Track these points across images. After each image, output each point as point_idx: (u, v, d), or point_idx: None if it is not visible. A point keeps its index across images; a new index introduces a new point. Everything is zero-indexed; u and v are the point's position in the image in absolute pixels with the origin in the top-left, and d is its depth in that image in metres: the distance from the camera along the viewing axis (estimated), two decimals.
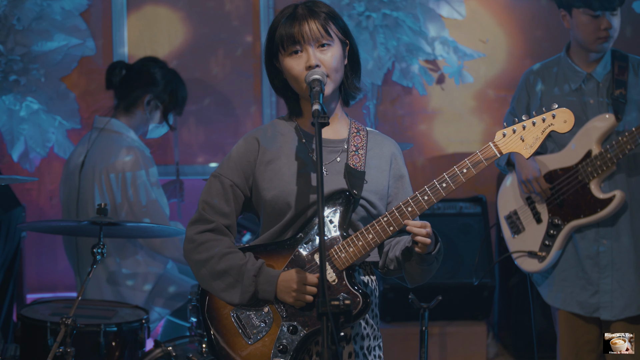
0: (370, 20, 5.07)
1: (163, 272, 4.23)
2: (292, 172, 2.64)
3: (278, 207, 2.62)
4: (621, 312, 3.70)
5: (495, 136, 2.60)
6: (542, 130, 2.57)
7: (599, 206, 3.67)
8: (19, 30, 4.86)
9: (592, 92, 3.75)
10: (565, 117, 2.55)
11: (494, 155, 2.58)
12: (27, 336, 3.56)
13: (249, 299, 2.59)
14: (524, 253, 3.85)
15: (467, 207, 5.03)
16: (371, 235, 2.58)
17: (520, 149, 2.58)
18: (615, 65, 3.74)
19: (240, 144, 2.72)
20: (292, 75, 2.64)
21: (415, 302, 3.61)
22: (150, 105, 4.27)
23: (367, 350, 2.71)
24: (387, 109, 5.22)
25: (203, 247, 2.65)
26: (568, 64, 3.79)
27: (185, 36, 5.11)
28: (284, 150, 2.68)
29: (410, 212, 2.57)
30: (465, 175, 2.57)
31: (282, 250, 2.63)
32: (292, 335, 2.58)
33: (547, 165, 3.79)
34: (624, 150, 3.61)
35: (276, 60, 2.69)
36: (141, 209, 4.08)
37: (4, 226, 4.43)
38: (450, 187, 2.57)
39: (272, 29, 2.67)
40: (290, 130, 2.73)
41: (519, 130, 2.59)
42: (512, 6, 5.21)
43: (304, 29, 2.60)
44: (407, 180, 2.78)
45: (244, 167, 2.68)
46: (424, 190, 2.57)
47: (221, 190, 2.67)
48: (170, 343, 3.59)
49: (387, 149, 2.76)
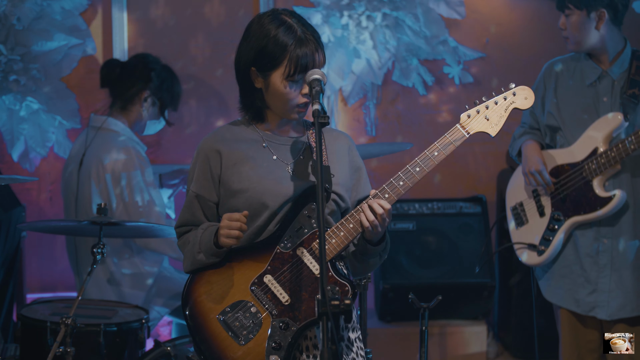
0: (370, 20, 5.07)
1: (160, 270, 4.23)
2: (260, 173, 2.67)
3: (252, 209, 2.65)
4: (616, 312, 3.69)
5: (461, 118, 2.70)
6: (504, 109, 2.69)
7: (599, 204, 3.68)
8: (19, 30, 4.86)
9: (606, 90, 3.74)
10: (525, 94, 2.70)
11: (463, 137, 2.67)
12: (27, 336, 3.55)
13: (198, 251, 2.65)
14: (524, 245, 3.87)
15: (467, 207, 5.03)
16: (351, 225, 2.63)
17: (487, 128, 2.69)
18: (633, 64, 3.74)
19: (200, 151, 2.75)
20: (285, 98, 2.64)
21: (415, 302, 3.61)
22: (147, 102, 4.27)
23: (350, 342, 2.73)
24: (387, 109, 5.22)
25: (183, 241, 2.78)
26: (586, 60, 3.80)
27: (186, 36, 5.11)
28: (247, 153, 2.70)
29: (387, 198, 2.63)
30: (437, 158, 2.66)
31: (262, 250, 2.66)
32: (285, 331, 2.60)
33: (555, 159, 3.80)
34: (628, 150, 3.60)
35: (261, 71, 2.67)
36: (137, 210, 4.08)
37: (4, 226, 4.43)
38: (424, 171, 2.66)
39: (263, 40, 2.63)
40: (249, 132, 2.75)
41: (482, 111, 2.69)
42: (512, 6, 5.21)
43: (316, 60, 2.64)
44: (364, 171, 2.83)
45: (207, 174, 2.71)
46: (399, 176, 2.65)
47: (189, 204, 2.75)
48: (169, 343, 3.59)
49: (342, 142, 2.81)
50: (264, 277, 2.64)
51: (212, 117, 5.14)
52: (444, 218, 5.01)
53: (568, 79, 3.82)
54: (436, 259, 4.94)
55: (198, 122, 5.13)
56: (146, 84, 4.25)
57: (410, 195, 5.18)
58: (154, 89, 4.27)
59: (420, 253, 4.90)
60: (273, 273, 2.64)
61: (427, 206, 5.03)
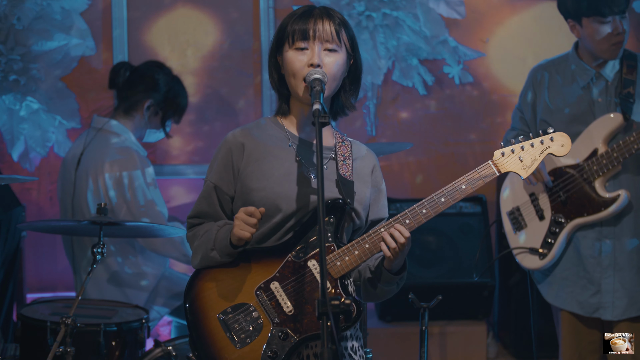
0: (370, 19, 5.07)
1: (163, 271, 4.23)
2: (280, 174, 2.63)
3: (266, 209, 2.60)
4: (623, 312, 3.69)
5: (494, 155, 2.64)
6: (539, 153, 2.64)
7: (603, 205, 3.67)
8: (19, 30, 4.86)
9: (601, 91, 3.73)
10: (562, 141, 2.64)
11: (493, 174, 2.62)
12: (27, 336, 3.55)
13: (212, 247, 2.60)
14: (525, 249, 3.84)
15: (467, 207, 5.03)
16: (367, 245, 2.59)
17: (518, 169, 2.64)
18: (624, 64, 3.72)
19: (224, 143, 2.71)
20: (291, 69, 2.62)
21: (415, 301, 3.60)
22: (149, 111, 4.27)
23: (352, 351, 2.69)
24: (387, 108, 5.22)
25: (193, 233, 2.70)
26: (577, 62, 3.78)
27: (186, 36, 5.11)
28: (271, 151, 2.66)
29: (407, 224, 2.58)
30: (464, 192, 2.60)
31: (273, 255, 2.62)
32: (283, 341, 2.57)
33: (554, 161, 3.78)
34: (631, 150, 3.59)
35: (279, 54, 2.67)
36: (139, 209, 4.08)
37: (4, 226, 4.43)
38: (449, 202, 2.60)
39: (284, 23, 2.66)
40: (277, 130, 2.71)
41: (517, 151, 2.64)
42: (512, 6, 5.21)
43: (318, 26, 2.60)
44: (384, 194, 2.79)
45: (228, 167, 2.67)
46: (422, 204, 2.59)
47: (206, 194, 2.69)
48: (170, 343, 3.59)
49: (369, 160, 2.78)
50: (271, 283, 2.60)
51: (212, 117, 5.14)
52: (444, 218, 4.99)
53: (559, 83, 3.80)
54: (436, 259, 4.94)
55: (198, 122, 5.13)
56: (151, 92, 4.25)
57: (409, 196, 5.18)
58: (158, 98, 4.26)
59: (420, 253, 4.89)
60: (281, 281, 2.60)
61: None
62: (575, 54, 3.80)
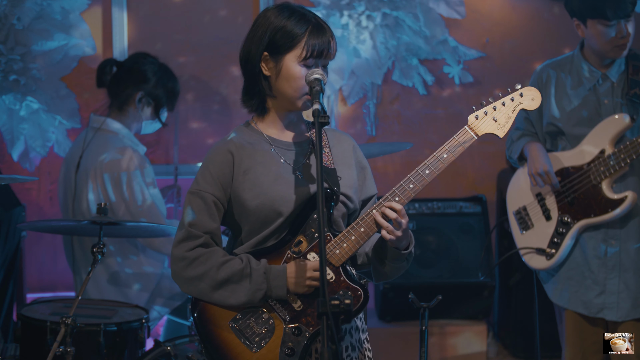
0: (370, 19, 5.07)
1: (162, 271, 4.23)
2: (269, 179, 2.64)
3: (264, 215, 2.61)
4: (627, 313, 3.68)
5: (469, 119, 2.67)
6: (512, 110, 2.68)
7: (610, 206, 3.65)
8: (19, 30, 4.86)
9: (607, 92, 3.72)
10: (532, 95, 2.68)
11: (471, 138, 2.65)
12: (27, 336, 3.55)
13: (261, 297, 2.58)
14: (531, 250, 3.83)
15: (467, 207, 5.03)
16: (363, 229, 2.61)
17: (495, 129, 2.67)
18: (629, 65, 3.71)
19: (213, 156, 2.68)
20: (295, 80, 2.61)
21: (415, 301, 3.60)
22: (142, 103, 4.25)
23: (359, 343, 2.73)
24: (387, 108, 5.22)
25: (197, 262, 2.61)
26: (583, 63, 3.77)
27: (185, 36, 5.11)
28: (256, 159, 2.66)
29: (398, 201, 2.60)
30: (446, 160, 2.62)
31: (272, 254, 2.63)
32: (297, 337, 2.59)
33: (561, 161, 3.76)
34: (638, 150, 3.58)
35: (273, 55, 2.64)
36: (137, 209, 4.08)
37: (4, 226, 4.43)
38: (434, 173, 2.62)
39: (281, 22, 2.62)
40: (256, 136, 2.71)
41: (490, 112, 2.67)
42: (512, 6, 5.21)
43: (332, 49, 2.64)
44: (369, 170, 2.81)
45: (222, 179, 2.65)
46: (408, 179, 2.62)
47: (204, 206, 2.64)
48: (170, 343, 3.59)
49: (345, 142, 2.79)
50: None
51: (212, 116, 5.14)
52: (444, 218, 5.01)
53: (565, 84, 3.79)
54: (436, 259, 4.94)
55: (198, 121, 5.13)
56: (140, 84, 4.22)
57: None
58: (148, 89, 4.24)
59: (420, 253, 4.89)
60: None
61: (427, 206, 5.03)
62: (581, 54, 3.78)
